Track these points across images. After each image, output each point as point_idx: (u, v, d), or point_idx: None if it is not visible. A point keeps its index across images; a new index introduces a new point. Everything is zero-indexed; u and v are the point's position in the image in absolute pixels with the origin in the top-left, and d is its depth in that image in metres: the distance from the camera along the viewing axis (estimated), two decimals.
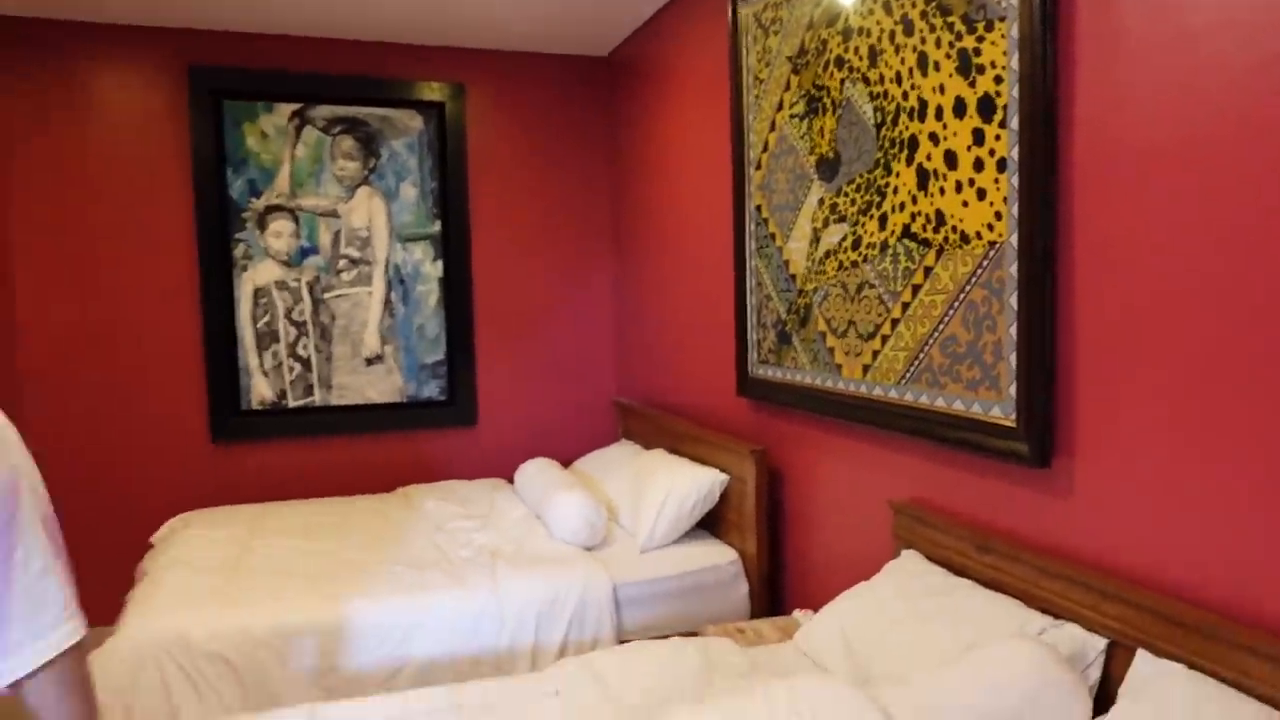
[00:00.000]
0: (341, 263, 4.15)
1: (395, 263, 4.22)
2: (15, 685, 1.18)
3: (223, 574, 2.79)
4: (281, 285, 4.08)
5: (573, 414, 4.48)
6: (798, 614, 2.60)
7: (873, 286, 2.35)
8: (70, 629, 1.20)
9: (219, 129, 3.96)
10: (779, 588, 2.99)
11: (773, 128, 2.83)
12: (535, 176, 4.42)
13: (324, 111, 4.10)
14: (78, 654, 1.21)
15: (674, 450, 3.46)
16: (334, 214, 4.13)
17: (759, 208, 2.94)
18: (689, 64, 3.55)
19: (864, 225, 2.38)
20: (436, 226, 4.28)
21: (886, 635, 1.92)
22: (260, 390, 4.06)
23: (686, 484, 3.04)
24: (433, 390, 4.31)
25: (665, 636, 2.33)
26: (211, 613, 2.50)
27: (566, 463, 4.05)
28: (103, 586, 2.70)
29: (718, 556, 2.99)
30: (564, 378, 4.48)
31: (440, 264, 4.29)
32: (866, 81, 2.34)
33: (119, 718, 2.22)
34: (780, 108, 2.78)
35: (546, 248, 4.45)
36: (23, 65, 3.72)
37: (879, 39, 2.28)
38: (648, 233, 4.07)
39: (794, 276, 2.74)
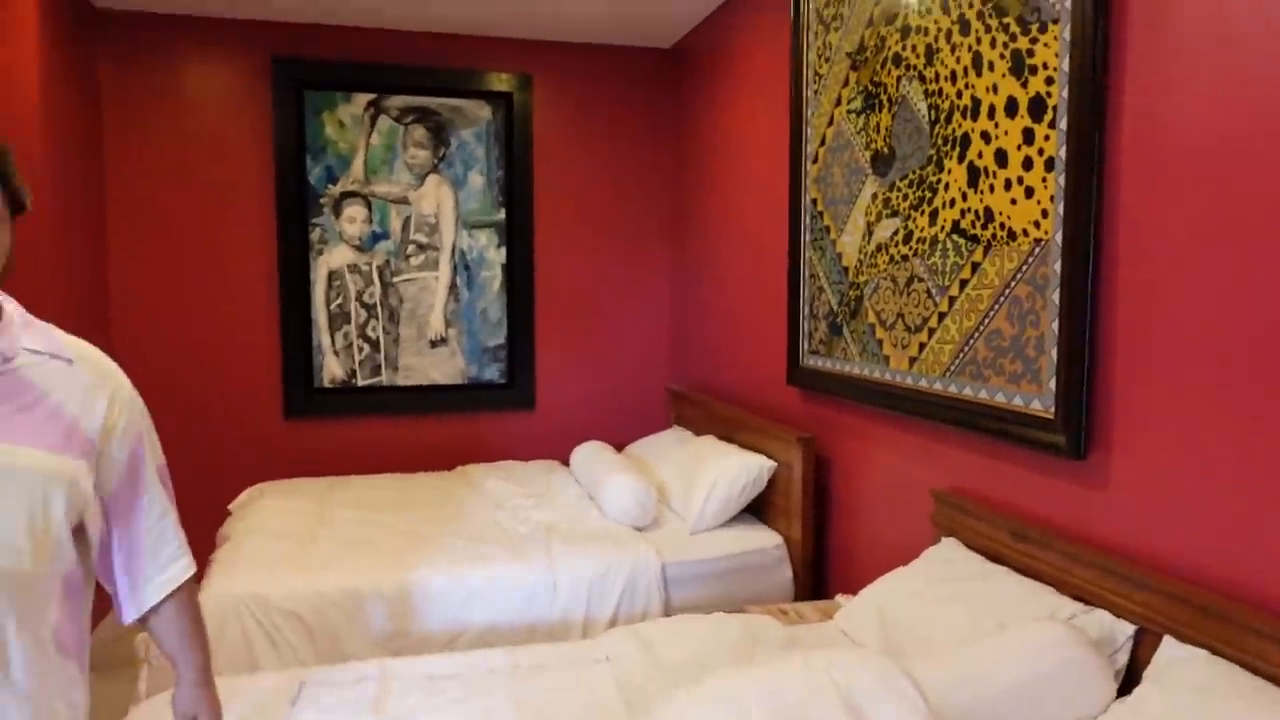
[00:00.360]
0: (410, 248, 4.33)
1: (461, 248, 4.39)
2: (142, 614, 1.37)
3: (297, 541, 2.98)
4: (354, 269, 4.27)
5: (627, 400, 4.60)
6: (839, 598, 2.67)
7: (921, 280, 2.41)
8: (186, 563, 1.39)
9: (300, 118, 4.16)
10: (822, 573, 3.07)
11: (830, 122, 2.90)
12: (597, 166, 4.54)
13: (397, 101, 4.27)
14: (191, 585, 1.40)
15: (724, 437, 3.56)
16: (405, 201, 4.31)
17: (814, 201, 3.01)
18: (750, 57, 3.62)
19: (915, 220, 2.43)
20: (501, 214, 4.42)
21: (921, 616, 1.99)
22: (332, 369, 4.27)
23: (736, 469, 3.13)
24: (493, 373, 4.47)
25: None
26: (287, 575, 2.68)
27: (620, 447, 4.17)
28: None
29: (764, 540, 3.08)
30: (619, 364, 4.60)
31: (504, 250, 4.44)
32: (922, 79, 2.40)
33: None
34: (838, 103, 2.84)
35: (606, 237, 4.57)
36: (125, 56, 3.97)
37: (936, 38, 2.33)
38: (705, 223, 4.16)
39: (847, 269, 2.81)
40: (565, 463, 4.06)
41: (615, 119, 4.54)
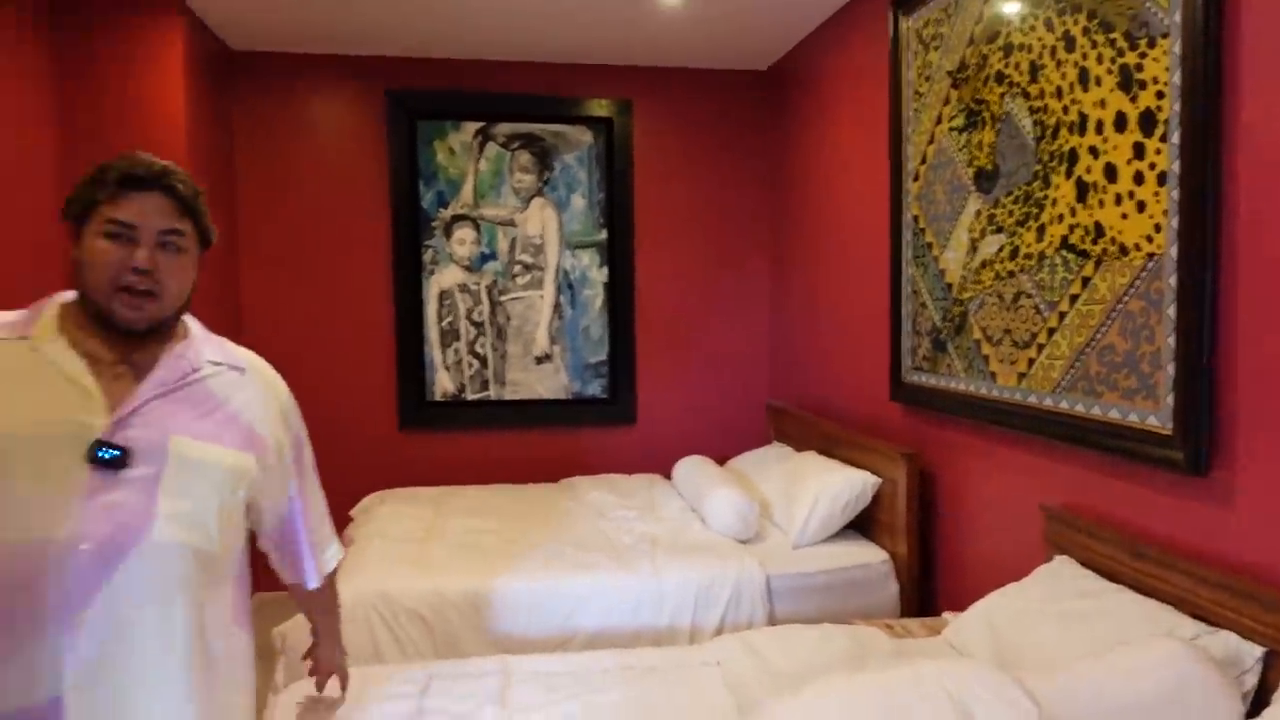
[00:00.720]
0: (517, 268, 4.50)
1: (564, 268, 4.54)
2: (297, 587, 1.55)
3: (415, 545, 3.14)
4: (463, 288, 4.47)
5: (727, 415, 4.66)
6: (947, 615, 2.67)
7: (1029, 296, 2.40)
8: (339, 546, 1.58)
9: (413, 146, 4.40)
10: (929, 590, 3.06)
11: (931, 140, 2.92)
12: (696, 186, 4.63)
13: (504, 129, 4.47)
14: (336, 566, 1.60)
15: (825, 452, 3.58)
16: (511, 223, 4.49)
17: (916, 218, 3.03)
18: (847, 77, 3.66)
19: (1021, 236, 2.44)
20: (603, 234, 4.56)
21: (1034, 632, 1.99)
22: (443, 384, 4.47)
23: (839, 484, 3.16)
24: (596, 389, 4.59)
25: None
26: (408, 576, 2.84)
27: (720, 462, 4.23)
28: None
29: (868, 556, 3.09)
30: (719, 380, 4.67)
31: (606, 270, 4.57)
32: (1027, 96, 2.40)
33: None
34: (939, 121, 2.86)
35: (705, 255, 4.66)
36: (256, 94, 4.28)
37: (1040, 55, 2.34)
38: (804, 241, 4.20)
39: (950, 285, 2.81)
40: (666, 476, 4.15)
41: (713, 140, 4.64)
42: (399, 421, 4.43)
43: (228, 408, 1.35)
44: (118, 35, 3.52)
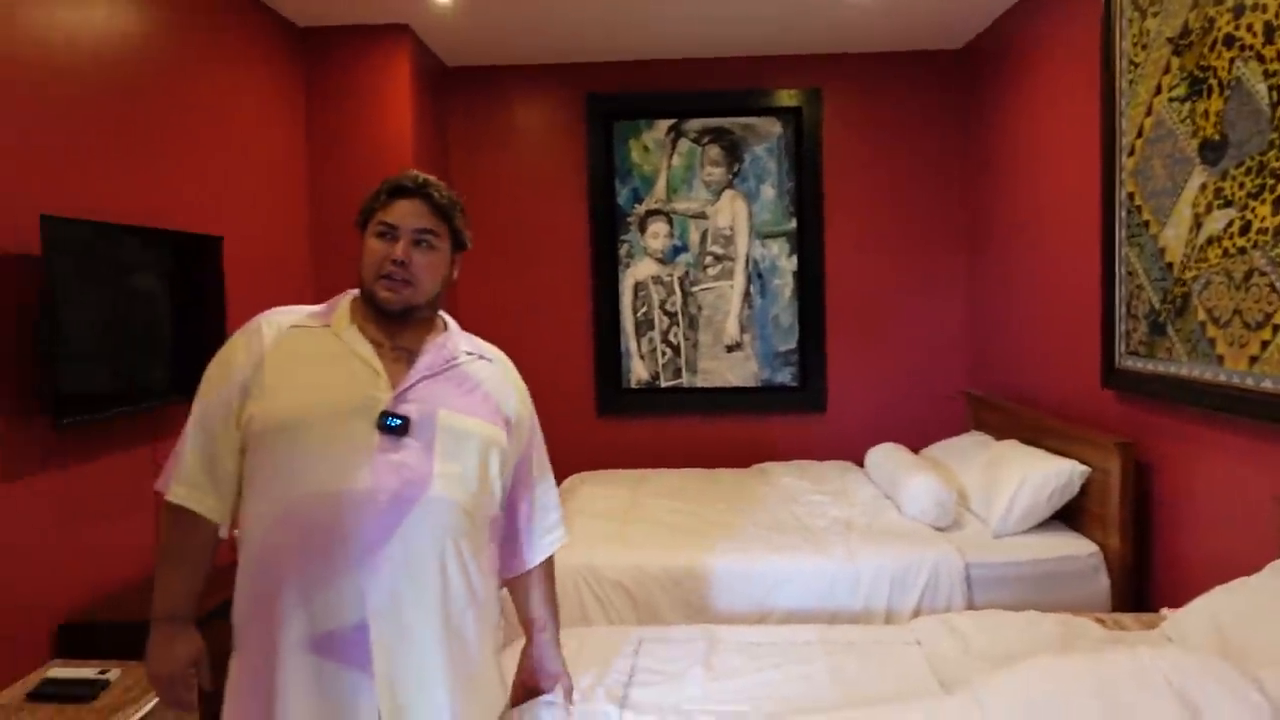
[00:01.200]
0: (708, 259, 4.63)
1: (754, 258, 4.62)
2: (516, 581, 1.66)
3: (616, 522, 3.34)
4: (657, 280, 4.64)
5: (920, 404, 4.58)
6: (1164, 612, 2.54)
7: (1263, 274, 2.25)
8: (563, 532, 1.71)
9: (609, 146, 4.62)
10: (1144, 585, 2.91)
11: (1148, 112, 2.76)
12: (887, 171, 4.57)
13: (695, 124, 4.60)
14: (553, 556, 1.70)
15: (1029, 442, 3.46)
16: (702, 215, 4.62)
17: (1131, 195, 2.88)
18: (1052, 51, 3.51)
19: (1255, 210, 2.28)
20: (792, 224, 4.60)
21: (1266, 631, 1.87)
22: (638, 372, 4.67)
23: (1043, 473, 3.06)
24: (785, 377, 4.64)
25: None
26: (612, 550, 3.02)
27: (914, 450, 4.17)
28: None
29: (1076, 548, 2.97)
30: (912, 368, 4.59)
31: (795, 259, 4.60)
32: (1261, 59, 2.24)
33: None
34: (1158, 91, 2.71)
35: (898, 240, 4.59)
36: (469, 104, 4.64)
37: (1276, 14, 2.17)
38: (1003, 223, 4.06)
39: (1170, 265, 2.66)
40: (857, 464, 4.14)
41: (904, 123, 4.56)
42: (597, 408, 4.67)
43: (481, 389, 1.54)
44: (355, 57, 3.95)
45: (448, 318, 1.64)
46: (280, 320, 1.52)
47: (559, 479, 4.19)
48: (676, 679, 1.96)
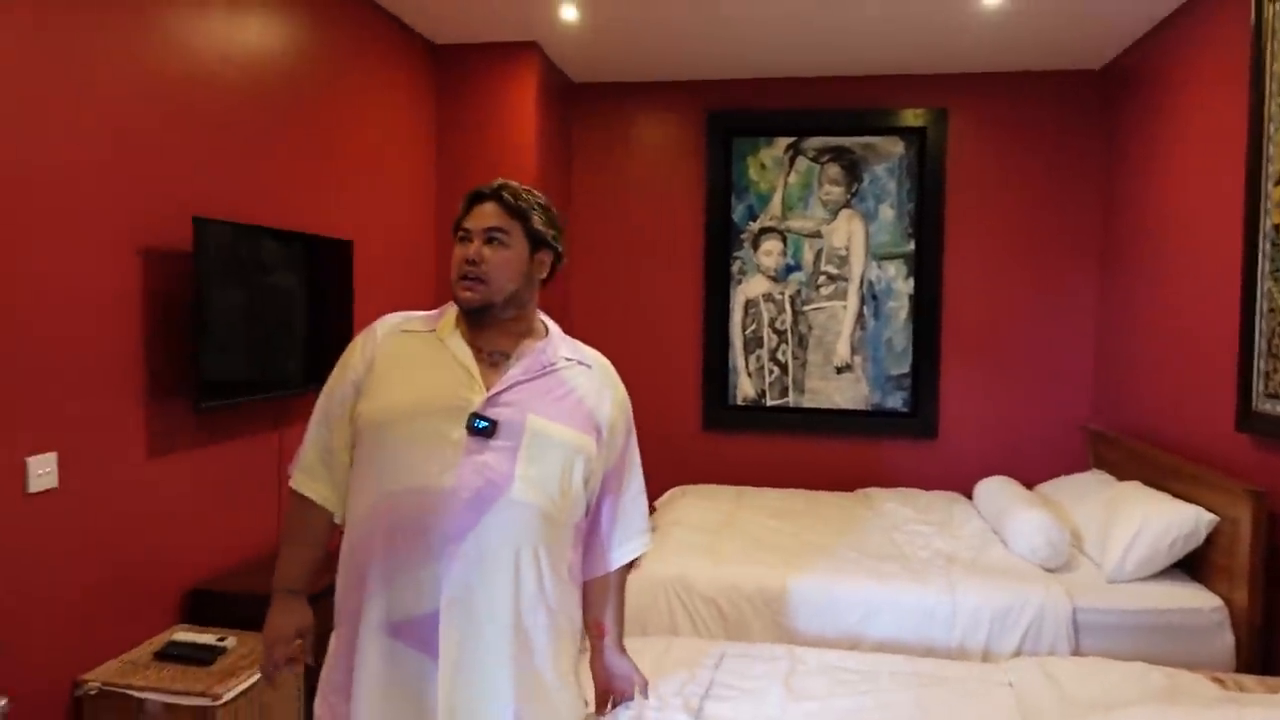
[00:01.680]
0: (820, 279, 4.58)
1: (869, 279, 4.54)
2: (592, 584, 1.69)
3: (713, 536, 3.35)
4: (768, 298, 4.63)
5: (1038, 437, 4.39)
6: None
7: None
8: (647, 540, 1.72)
9: (727, 162, 4.65)
10: (1273, 646, 2.70)
11: None
12: (1014, 195, 4.42)
13: (814, 142, 4.57)
14: (626, 566, 1.71)
15: (1152, 484, 3.27)
16: (817, 234, 4.58)
17: (1277, 226, 2.69)
18: (1197, 73, 3.32)
19: None
20: (910, 245, 4.50)
21: None
22: (744, 389, 4.67)
23: (1166, 519, 2.89)
24: (896, 401, 4.54)
25: None
26: (706, 565, 3.04)
27: (1028, 485, 4.01)
28: None
29: (1199, 600, 2.79)
30: (1032, 399, 4.41)
31: (912, 281, 4.51)
32: None
33: (637, 629, 2.83)
34: None
35: (1022, 266, 4.42)
36: (591, 119, 4.77)
37: None
38: (1137, 253, 3.85)
39: None
40: (967, 496, 4.01)
41: (1034, 146, 4.40)
42: (702, 422, 4.69)
43: (574, 395, 1.58)
44: (486, 72, 4.13)
45: (550, 323, 1.68)
46: (394, 324, 1.62)
47: (660, 490, 4.28)
48: (754, 696, 1.96)
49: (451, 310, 1.62)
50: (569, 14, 3.75)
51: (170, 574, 2.52)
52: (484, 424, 1.47)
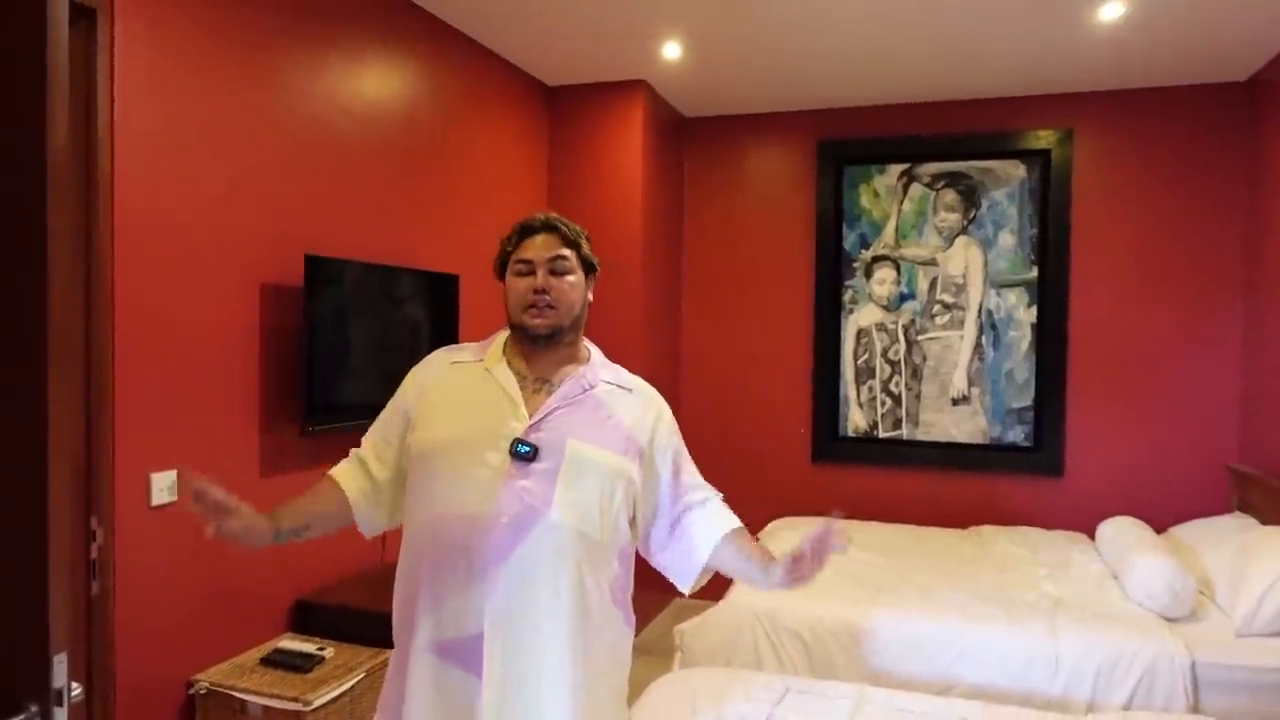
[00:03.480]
0: (936, 307, 4.44)
1: (988, 308, 4.36)
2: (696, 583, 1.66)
3: None
4: (880, 327, 4.53)
5: (1175, 476, 4.06)
6: None
7: None
8: (720, 522, 1.64)
9: (839, 191, 4.60)
10: None
11: None
12: (1148, 218, 4.15)
13: (929, 168, 4.46)
14: (742, 533, 1.64)
15: None
16: (932, 262, 4.45)
17: None
18: None
19: None
20: (1033, 273, 4.30)
21: None
22: (856, 420, 4.57)
23: None
24: (1017, 435, 4.32)
25: None
26: (795, 600, 2.97)
27: (1161, 528, 3.72)
28: None
29: None
30: (1169, 436, 4.09)
31: (1034, 310, 4.30)
32: None
33: (722, 660, 2.82)
34: None
35: (1158, 294, 4.13)
36: (702, 152, 4.84)
37: None
38: None
39: None
40: (1092, 536, 3.76)
41: (1172, 164, 4.11)
42: (812, 454, 4.62)
43: (614, 419, 1.62)
44: (595, 111, 4.28)
45: (593, 348, 1.72)
46: (446, 357, 1.71)
47: (769, 519, 4.22)
48: None
49: (499, 339, 1.70)
50: (672, 52, 3.84)
51: (280, 586, 2.73)
52: (526, 449, 1.53)
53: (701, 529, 1.65)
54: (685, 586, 1.67)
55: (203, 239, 2.41)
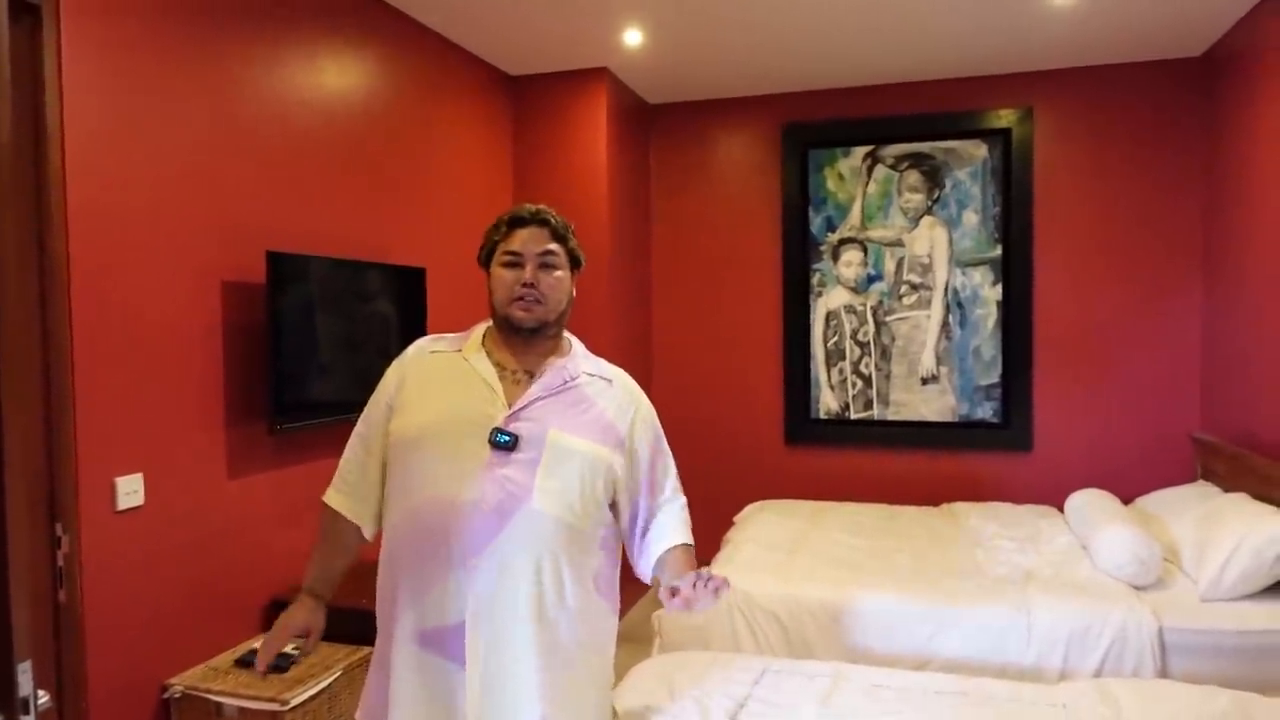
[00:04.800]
0: (903, 288, 4.48)
1: (954, 287, 4.41)
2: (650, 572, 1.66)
3: (784, 552, 3.31)
4: (849, 309, 4.56)
5: (1141, 448, 4.13)
6: None
7: None
8: (681, 536, 1.65)
9: (804, 175, 4.61)
10: None
11: None
12: (1109, 194, 4.21)
13: (893, 150, 4.49)
14: (686, 551, 1.65)
15: (1262, 496, 3.04)
16: (898, 243, 4.48)
17: None
18: None
19: None
20: (997, 251, 4.35)
21: None
22: (827, 402, 4.60)
23: (1270, 533, 2.68)
24: (986, 412, 4.38)
25: None
26: (772, 581, 3.01)
27: (1128, 499, 3.78)
28: (698, 550, 3.39)
29: None
30: (1133, 408, 4.16)
31: (999, 288, 4.34)
32: None
33: (700, 643, 2.84)
34: None
35: (1119, 268, 4.20)
36: (667, 139, 4.83)
37: None
38: (1249, 249, 3.59)
39: None
40: (1061, 509, 3.82)
41: (1131, 140, 4.17)
42: (785, 437, 4.65)
43: (595, 409, 1.62)
44: (559, 100, 4.26)
45: (574, 339, 1.72)
46: (424, 347, 1.70)
47: (740, 506, 4.25)
48: (788, 712, 1.93)
49: (479, 330, 1.69)
50: (633, 39, 3.83)
51: (254, 586, 2.70)
52: (505, 438, 1.52)
53: (656, 535, 1.65)
54: (644, 578, 1.68)
55: (160, 237, 2.37)
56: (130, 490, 2.26)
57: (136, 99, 2.30)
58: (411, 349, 1.72)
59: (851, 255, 4.56)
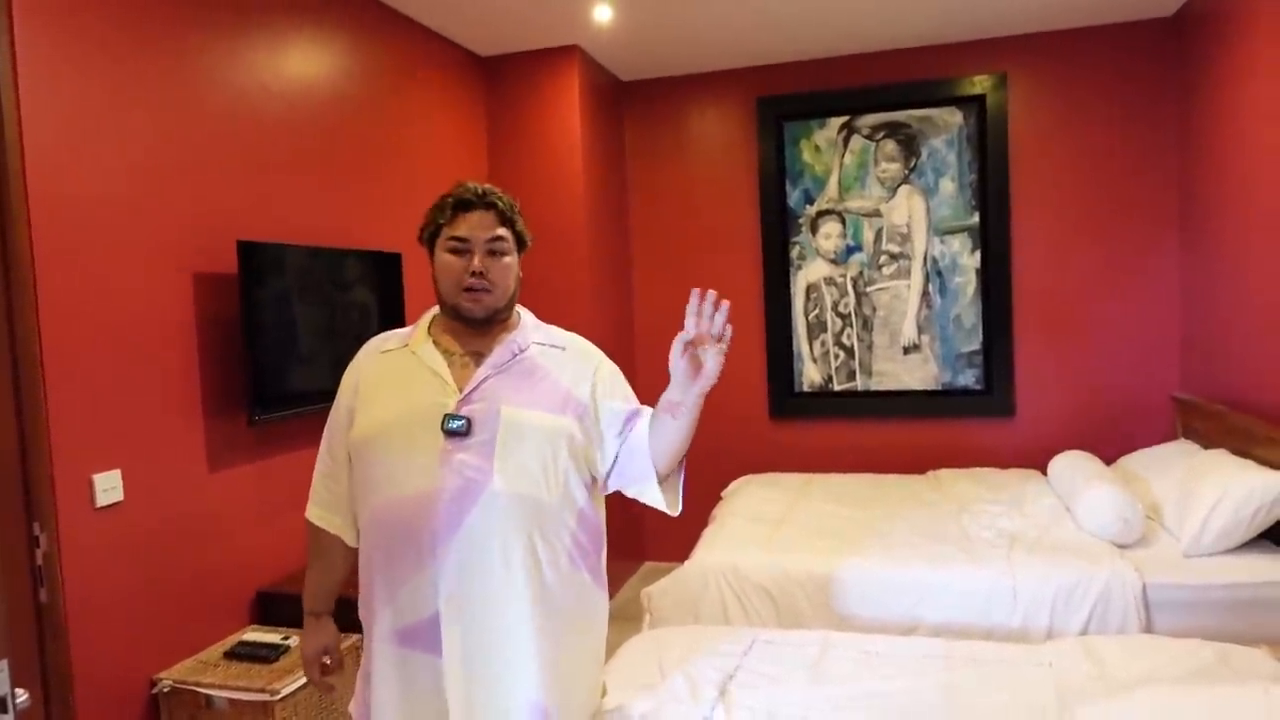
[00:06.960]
0: (882, 258, 4.48)
1: (933, 255, 4.41)
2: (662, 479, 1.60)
3: (771, 525, 3.32)
4: (829, 281, 4.56)
5: (1123, 409, 4.17)
6: None
7: None
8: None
9: (780, 148, 4.59)
10: None
11: None
12: (1084, 158, 4.21)
13: (868, 120, 4.47)
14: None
15: (1241, 452, 3.08)
16: (876, 213, 4.48)
17: None
18: None
19: None
20: (975, 218, 4.35)
21: None
22: (810, 375, 4.61)
23: (1249, 487, 2.71)
24: (969, 379, 4.40)
25: None
26: (759, 553, 3.02)
27: (1110, 459, 3.82)
28: (686, 525, 3.41)
29: None
30: (1113, 370, 4.19)
31: (978, 255, 4.35)
32: None
33: (690, 618, 2.85)
34: None
35: (1097, 232, 4.21)
36: (642, 116, 4.80)
37: None
38: (1224, 210, 3.61)
39: None
40: (1045, 472, 3.85)
41: (1104, 104, 4.17)
42: (770, 410, 4.66)
43: (550, 379, 1.59)
44: (531, 79, 4.22)
45: (524, 312, 1.69)
46: (375, 347, 1.69)
47: (730, 479, 4.25)
48: (778, 682, 1.94)
49: (424, 321, 1.66)
50: (603, 15, 3.79)
51: (240, 579, 2.69)
52: (458, 423, 1.50)
53: (637, 434, 1.61)
54: (660, 500, 1.59)
55: (127, 230, 2.33)
56: (108, 487, 2.24)
57: (96, 89, 2.26)
58: (362, 352, 1.71)
59: (830, 227, 4.56)
